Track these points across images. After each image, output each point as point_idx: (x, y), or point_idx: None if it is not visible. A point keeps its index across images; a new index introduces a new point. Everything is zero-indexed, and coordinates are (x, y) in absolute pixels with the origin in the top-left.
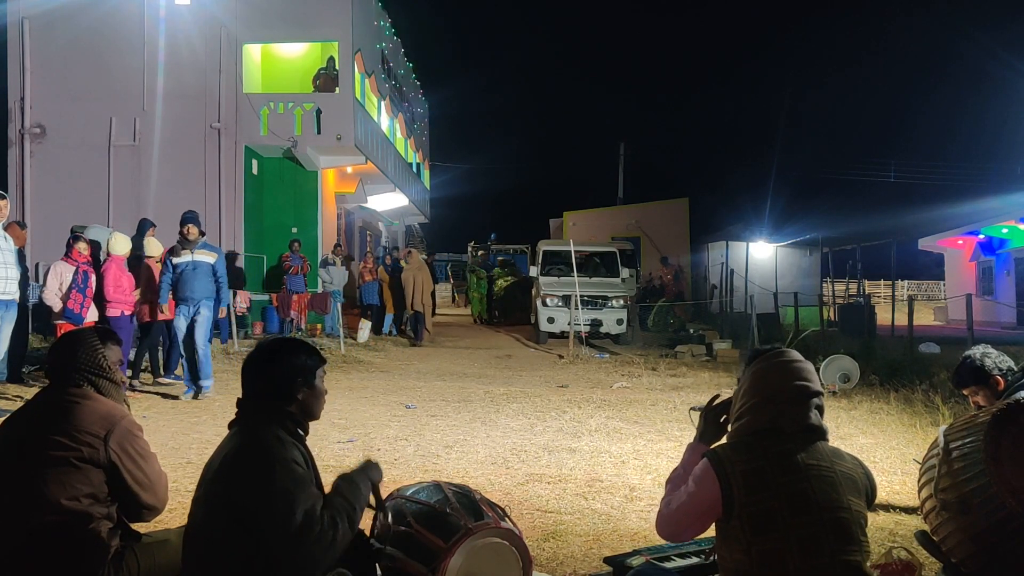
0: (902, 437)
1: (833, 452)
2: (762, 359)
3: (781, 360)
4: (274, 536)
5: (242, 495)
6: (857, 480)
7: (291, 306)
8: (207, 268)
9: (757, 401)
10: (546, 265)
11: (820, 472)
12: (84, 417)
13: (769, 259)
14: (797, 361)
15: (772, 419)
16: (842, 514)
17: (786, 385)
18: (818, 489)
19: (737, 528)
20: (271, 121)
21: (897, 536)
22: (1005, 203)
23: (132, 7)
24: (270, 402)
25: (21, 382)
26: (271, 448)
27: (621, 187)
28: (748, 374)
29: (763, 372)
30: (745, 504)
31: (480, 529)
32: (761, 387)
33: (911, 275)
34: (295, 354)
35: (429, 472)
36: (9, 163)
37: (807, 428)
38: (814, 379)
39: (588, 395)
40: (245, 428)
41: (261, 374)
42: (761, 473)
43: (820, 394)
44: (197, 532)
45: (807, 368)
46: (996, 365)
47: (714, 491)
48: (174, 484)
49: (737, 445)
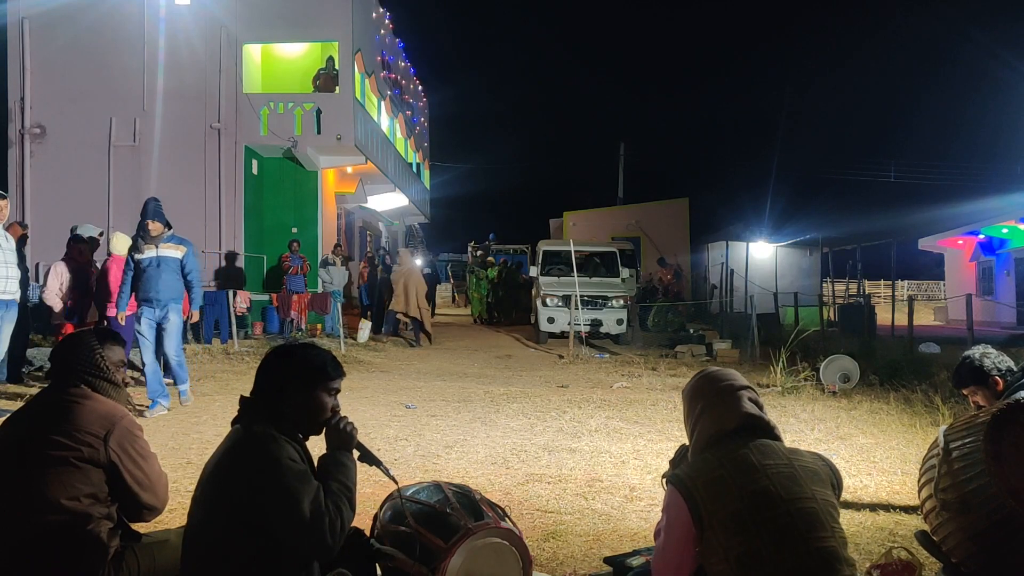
0: (902, 437)
1: (789, 450)
2: (688, 383)
3: (702, 374)
4: (285, 532)
5: (244, 495)
6: (819, 471)
7: (291, 306)
8: (174, 264)
9: (696, 415)
10: (546, 265)
11: (778, 469)
12: (84, 417)
13: (769, 259)
14: (715, 369)
15: (715, 423)
16: (808, 504)
17: (712, 388)
18: (778, 485)
19: (711, 539)
20: (271, 121)
21: (897, 536)
22: (1005, 203)
23: (132, 7)
24: (265, 399)
25: (21, 382)
26: (267, 447)
27: (621, 187)
28: (683, 401)
29: (691, 389)
30: (712, 512)
31: (480, 529)
32: (694, 403)
33: (911, 275)
34: (305, 359)
35: (429, 472)
36: (9, 163)
37: (746, 417)
38: (736, 377)
39: (588, 395)
40: (241, 426)
41: (263, 368)
42: (721, 481)
43: (748, 387)
44: (197, 533)
45: (726, 371)
46: (995, 365)
47: (683, 510)
48: (174, 484)
49: (694, 463)
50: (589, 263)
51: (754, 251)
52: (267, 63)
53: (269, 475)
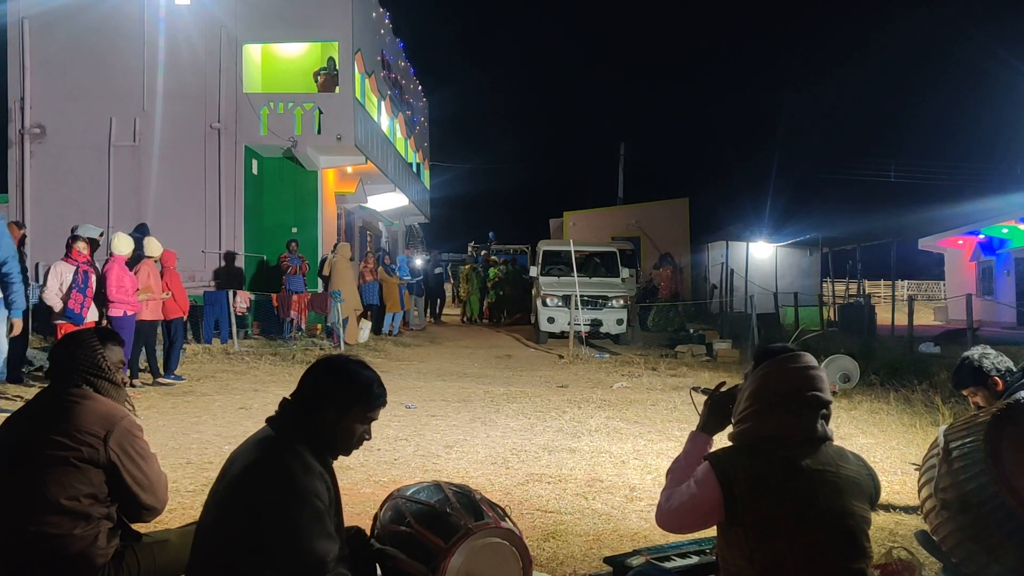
0: (902, 437)
1: (838, 454)
2: (772, 362)
3: (793, 366)
4: (280, 566)
5: (257, 514)
6: (862, 483)
7: (291, 306)
8: None
9: (762, 407)
10: (546, 265)
11: (825, 477)
12: (84, 417)
13: (769, 259)
14: (809, 368)
15: (776, 428)
16: (848, 521)
17: (795, 395)
18: (823, 495)
19: (739, 534)
20: (271, 121)
21: (897, 536)
22: (1005, 203)
23: (132, 7)
24: (303, 409)
25: (21, 382)
26: (295, 475)
27: (621, 187)
28: (757, 375)
29: (772, 377)
30: (748, 510)
31: (480, 529)
32: (768, 393)
33: (911, 275)
34: (352, 379)
35: (429, 472)
36: (9, 163)
37: (812, 439)
38: (825, 388)
39: (588, 395)
40: (276, 437)
41: (309, 376)
42: (765, 479)
43: (829, 403)
44: (208, 529)
45: (818, 376)
46: (995, 366)
47: (715, 495)
48: (174, 484)
49: (740, 449)
50: (589, 263)
51: (754, 251)
52: (267, 63)
53: (288, 506)
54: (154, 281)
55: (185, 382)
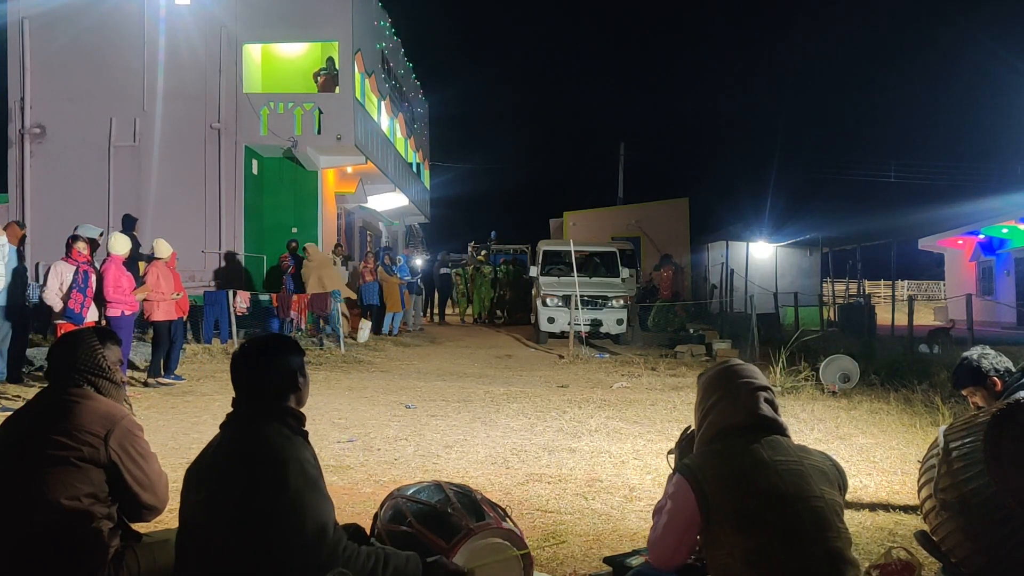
0: (902, 437)
1: (799, 448)
2: (706, 372)
3: (724, 365)
4: (281, 540)
5: (253, 497)
6: (827, 471)
7: (291, 306)
8: None
9: (710, 404)
10: (546, 265)
11: (788, 466)
12: (84, 417)
13: (769, 259)
14: (738, 364)
15: (725, 416)
16: (816, 503)
17: (731, 382)
18: (788, 482)
19: (717, 531)
20: (271, 121)
21: (897, 536)
22: (1005, 203)
23: (132, 7)
24: (270, 400)
25: (21, 382)
26: (282, 447)
27: (621, 187)
28: (698, 389)
29: (709, 379)
30: (720, 506)
31: (482, 529)
32: (709, 392)
33: (911, 275)
34: (289, 350)
35: (429, 472)
36: (9, 163)
37: (760, 418)
38: (758, 376)
39: (588, 395)
40: (248, 428)
41: (262, 372)
42: (731, 475)
43: (767, 388)
44: (197, 536)
45: (749, 367)
46: (993, 366)
47: (690, 500)
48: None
49: (704, 453)
50: (589, 263)
51: (754, 251)
52: (267, 63)
53: (283, 476)
54: (165, 281)
55: (185, 382)
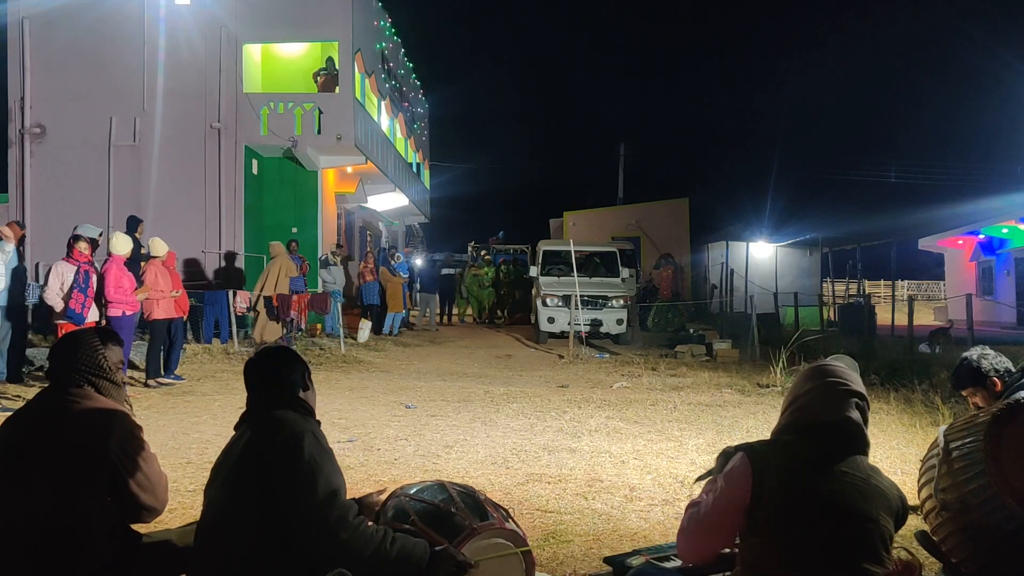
0: (902, 437)
1: (871, 468)
2: (810, 366)
3: (825, 366)
4: (297, 505)
5: (271, 464)
6: (890, 498)
7: (291, 306)
8: None
9: (797, 398)
10: (546, 265)
11: (854, 481)
12: (84, 417)
13: (769, 259)
14: (841, 368)
15: (811, 411)
16: (869, 525)
17: (827, 382)
18: (849, 495)
19: (762, 519)
20: (271, 121)
21: (897, 536)
22: (1005, 203)
23: (132, 7)
24: (286, 392)
25: (21, 382)
26: (298, 423)
27: (621, 187)
28: (794, 380)
29: (809, 372)
30: (774, 497)
31: (485, 529)
32: (805, 383)
33: (911, 275)
34: (298, 360)
35: (429, 472)
36: (9, 163)
37: (845, 420)
38: (854, 380)
39: (588, 395)
40: (266, 415)
41: (277, 369)
42: (796, 471)
43: (861, 395)
44: (219, 528)
45: (850, 373)
46: (993, 367)
47: (745, 482)
48: (174, 484)
49: (775, 442)
50: (589, 263)
51: (754, 251)
52: (267, 63)
53: (298, 446)
54: (163, 280)
55: (185, 382)
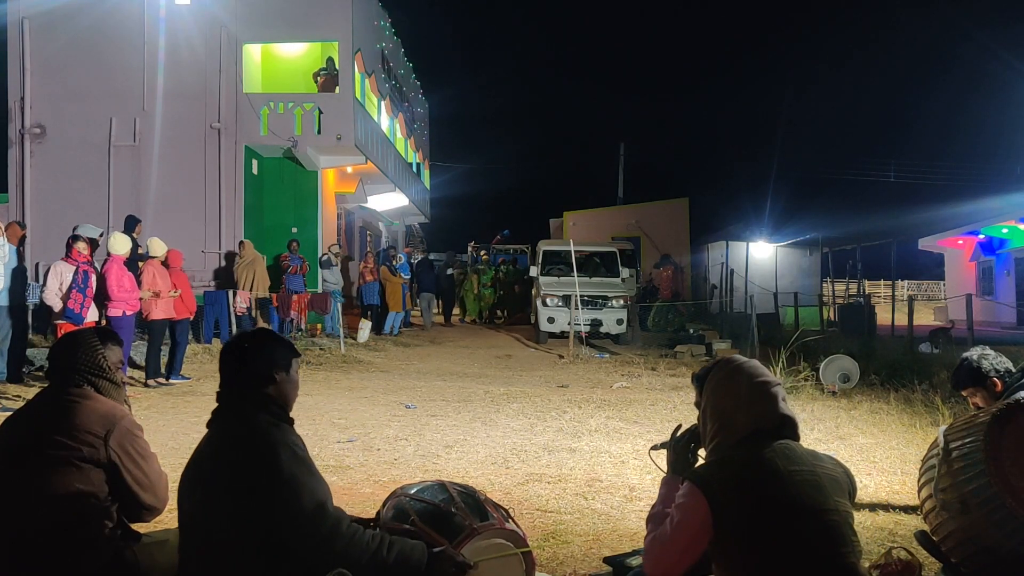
0: (902, 437)
1: (811, 454)
2: (713, 373)
3: (732, 367)
4: (281, 522)
5: (247, 484)
6: (839, 480)
7: (291, 306)
8: None
9: (726, 411)
10: (546, 265)
11: (803, 476)
12: (84, 417)
13: (769, 259)
14: (746, 362)
15: (745, 424)
16: (832, 517)
17: (748, 385)
18: (804, 494)
19: (729, 545)
20: (271, 121)
21: (897, 536)
22: (1005, 203)
23: (132, 7)
24: (250, 389)
25: (21, 382)
26: (268, 433)
27: (621, 187)
28: (707, 393)
29: (721, 383)
30: (734, 519)
31: (485, 529)
32: (724, 398)
33: (911, 275)
34: (271, 342)
35: (429, 472)
36: (9, 163)
37: (783, 420)
38: (767, 372)
39: (588, 395)
40: (233, 419)
41: (241, 361)
42: (745, 485)
43: (779, 383)
44: (197, 535)
45: (756, 364)
46: (993, 367)
47: (702, 511)
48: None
49: (717, 462)
50: (589, 263)
51: (754, 251)
52: (267, 63)
53: (274, 461)
54: (162, 280)
55: (188, 381)
